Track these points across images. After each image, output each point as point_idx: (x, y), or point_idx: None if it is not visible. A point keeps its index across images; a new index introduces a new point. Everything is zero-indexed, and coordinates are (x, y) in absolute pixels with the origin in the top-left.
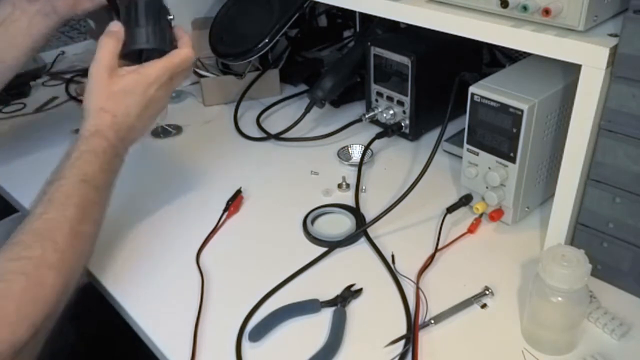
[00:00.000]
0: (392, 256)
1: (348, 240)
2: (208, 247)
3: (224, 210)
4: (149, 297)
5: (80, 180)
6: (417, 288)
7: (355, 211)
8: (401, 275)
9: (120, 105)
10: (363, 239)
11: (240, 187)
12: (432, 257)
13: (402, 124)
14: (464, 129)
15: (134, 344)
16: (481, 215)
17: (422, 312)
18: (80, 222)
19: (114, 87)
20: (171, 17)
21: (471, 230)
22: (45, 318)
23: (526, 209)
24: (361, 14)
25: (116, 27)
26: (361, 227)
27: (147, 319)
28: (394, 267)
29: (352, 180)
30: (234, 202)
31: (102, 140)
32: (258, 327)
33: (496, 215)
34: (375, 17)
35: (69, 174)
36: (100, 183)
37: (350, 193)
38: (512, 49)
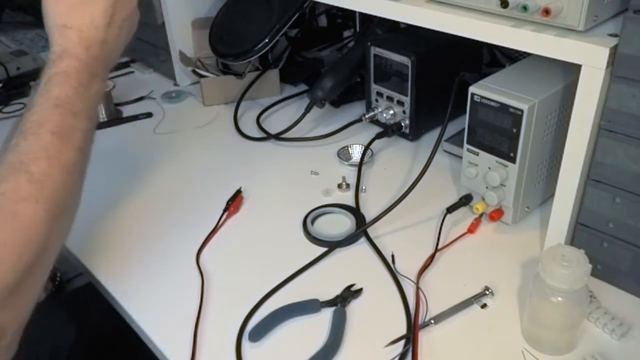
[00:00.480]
0: (392, 256)
1: (348, 240)
2: (208, 247)
3: (224, 210)
4: (149, 296)
5: (53, 106)
6: (417, 288)
7: (355, 211)
8: (401, 275)
9: (84, 18)
10: (363, 239)
11: (240, 187)
12: (432, 257)
13: (402, 124)
14: (464, 129)
15: (134, 343)
16: (481, 215)
17: (422, 312)
18: (59, 151)
19: None
20: None
21: (471, 230)
22: (34, 255)
23: (526, 209)
24: (361, 14)
25: None
26: (361, 227)
27: (147, 318)
28: (394, 267)
29: (352, 180)
30: (234, 202)
31: (72, 60)
32: (258, 327)
33: (496, 215)
34: (375, 17)
35: (40, 100)
36: (79, 107)
37: (350, 193)
38: (512, 49)
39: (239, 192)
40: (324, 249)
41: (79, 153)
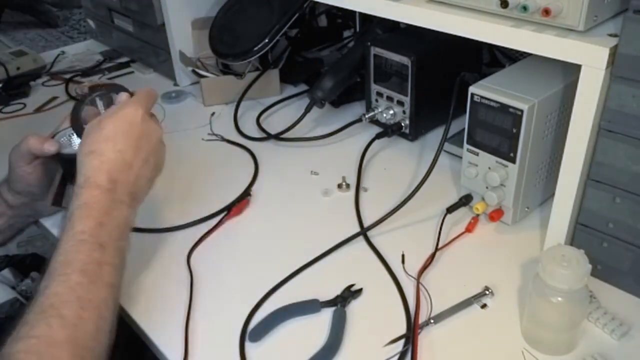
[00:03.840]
0: (402, 256)
1: (348, 241)
2: (208, 247)
3: (228, 210)
4: (148, 295)
5: (78, 242)
6: (418, 287)
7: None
8: (404, 275)
9: (107, 144)
10: (363, 239)
11: (250, 190)
12: (432, 256)
13: (402, 124)
14: (464, 129)
15: (133, 343)
16: (478, 215)
17: (422, 312)
18: (88, 290)
19: (101, 131)
20: None
21: (469, 229)
22: None
23: (526, 209)
24: (361, 14)
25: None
26: (362, 230)
27: (147, 317)
28: (403, 266)
29: (352, 181)
30: (239, 203)
31: (93, 189)
32: (258, 327)
33: (496, 215)
34: (375, 17)
35: (65, 238)
36: (105, 239)
37: (350, 193)
38: (512, 49)
39: (246, 194)
40: (324, 249)
41: (109, 290)
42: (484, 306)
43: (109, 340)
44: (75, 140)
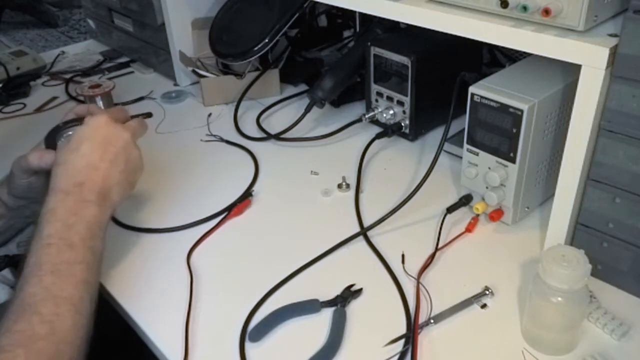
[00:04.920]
0: (403, 256)
1: (348, 241)
2: (208, 247)
3: (229, 210)
4: (148, 295)
5: (46, 245)
6: (418, 287)
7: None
8: (404, 275)
9: (73, 153)
10: (363, 239)
11: (252, 190)
12: (432, 256)
13: (402, 124)
14: (464, 129)
15: (131, 343)
16: (478, 215)
17: (422, 312)
18: (62, 289)
19: (69, 145)
20: None
21: (469, 229)
22: None
23: (526, 209)
24: (361, 14)
25: None
26: (362, 230)
27: (146, 317)
28: (403, 266)
29: (352, 181)
30: (241, 204)
31: (58, 194)
32: (258, 327)
33: (496, 215)
34: (375, 17)
35: (35, 242)
36: (74, 239)
37: (350, 193)
38: (512, 49)
39: (248, 195)
40: (324, 249)
41: (84, 287)
42: (484, 306)
43: (88, 334)
44: None
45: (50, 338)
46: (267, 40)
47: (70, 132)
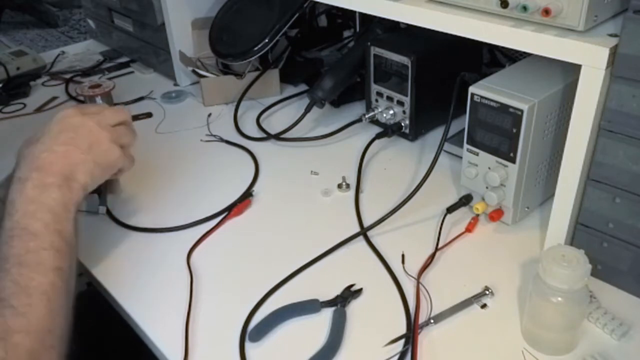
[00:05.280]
0: (403, 256)
1: (348, 241)
2: (208, 247)
3: (229, 210)
4: (148, 295)
5: (9, 238)
6: (418, 286)
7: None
8: (404, 275)
9: (28, 146)
10: (363, 239)
11: (252, 191)
12: (432, 256)
13: (402, 124)
14: (464, 129)
15: (131, 343)
16: (478, 215)
17: (422, 312)
18: (31, 278)
19: (29, 141)
20: None
21: (469, 229)
22: None
23: (526, 209)
24: (361, 14)
25: None
26: (362, 230)
27: (146, 317)
28: (403, 266)
29: (352, 181)
30: (241, 204)
31: (15, 184)
32: (258, 327)
33: (496, 215)
34: (375, 17)
35: (1, 237)
36: (37, 227)
37: (350, 193)
38: (512, 49)
39: (248, 195)
40: (324, 249)
41: (55, 273)
42: (484, 306)
43: (68, 319)
44: None
45: (26, 329)
46: (267, 40)
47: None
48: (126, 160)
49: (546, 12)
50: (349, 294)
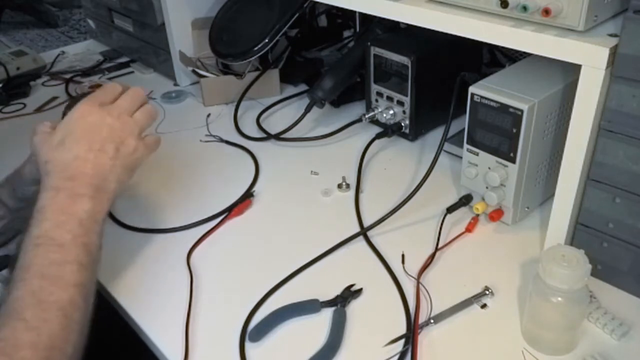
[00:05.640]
0: (403, 256)
1: (348, 241)
2: (208, 247)
3: (229, 211)
4: (148, 295)
5: (34, 246)
6: (418, 286)
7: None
8: (404, 275)
9: (58, 150)
10: (363, 239)
11: (253, 191)
12: (432, 256)
13: (402, 124)
14: (464, 129)
15: (131, 343)
16: (478, 215)
17: (422, 312)
18: (50, 292)
19: (51, 140)
20: None
21: (469, 229)
22: None
23: (526, 209)
24: (361, 14)
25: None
26: (362, 230)
27: (146, 317)
28: (404, 267)
29: (352, 181)
30: (241, 204)
31: (48, 191)
32: (258, 327)
33: (496, 215)
34: (375, 17)
35: (24, 244)
36: (65, 238)
37: (350, 193)
38: (512, 49)
39: (249, 195)
40: (324, 249)
41: (76, 289)
42: (484, 306)
43: (82, 337)
44: None
45: (36, 345)
46: (267, 40)
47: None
48: (147, 150)
49: (546, 12)
50: (349, 294)
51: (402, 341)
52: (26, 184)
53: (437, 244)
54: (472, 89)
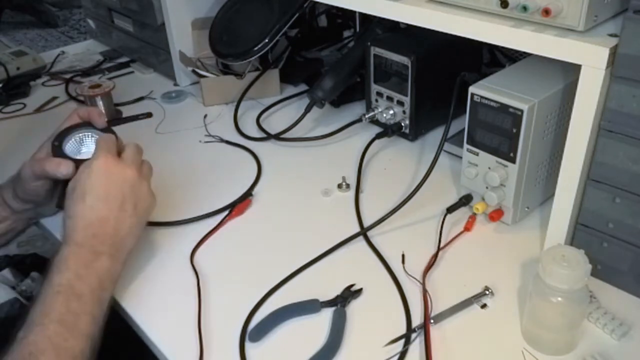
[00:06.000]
0: (403, 256)
1: (348, 241)
2: (208, 247)
3: (228, 212)
4: (148, 295)
5: (55, 293)
6: (424, 288)
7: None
8: (408, 275)
9: (79, 205)
10: (363, 239)
11: (252, 192)
12: (434, 256)
13: (402, 124)
14: (464, 129)
15: (130, 342)
16: (476, 214)
17: (422, 312)
18: (65, 339)
19: (73, 194)
20: None
21: (467, 228)
22: None
23: (526, 209)
24: (361, 14)
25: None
26: (362, 230)
27: (145, 316)
28: (403, 266)
29: (352, 181)
30: (240, 204)
31: (70, 245)
32: (258, 327)
33: (496, 215)
34: (375, 17)
35: (44, 289)
36: (83, 290)
37: (350, 193)
38: (512, 49)
39: (249, 195)
40: (324, 249)
41: (86, 340)
42: (484, 306)
43: None
44: (83, 146)
45: None
46: (267, 40)
47: (75, 138)
48: (155, 200)
49: (546, 12)
50: (349, 294)
51: (402, 341)
52: (26, 182)
53: (439, 244)
54: (472, 89)
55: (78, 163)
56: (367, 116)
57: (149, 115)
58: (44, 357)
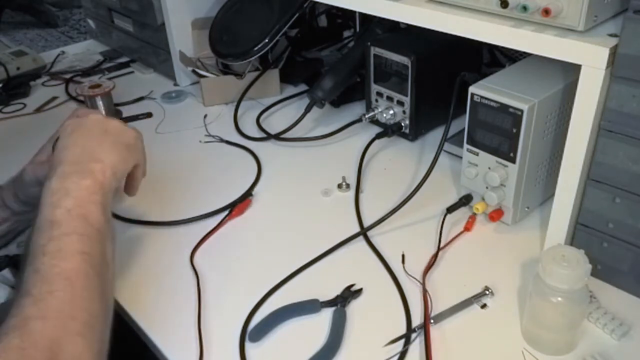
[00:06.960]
0: (403, 256)
1: (348, 241)
2: (208, 247)
3: (228, 212)
4: (148, 295)
5: (34, 232)
6: (424, 282)
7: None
8: (408, 275)
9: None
10: (363, 239)
11: (252, 191)
12: (435, 256)
13: (402, 124)
14: (464, 129)
15: (130, 342)
16: (475, 214)
17: (422, 312)
18: (51, 266)
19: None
20: None
21: (467, 227)
22: None
23: (526, 209)
24: (361, 14)
25: None
26: (362, 230)
27: (145, 316)
28: (403, 266)
29: (352, 181)
30: (240, 204)
31: (42, 186)
32: (258, 327)
33: (496, 215)
34: (375, 17)
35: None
36: (58, 215)
37: (350, 193)
38: (512, 49)
39: (249, 195)
40: (324, 249)
41: (81, 258)
42: (484, 306)
43: (104, 304)
44: None
45: (44, 316)
46: (267, 40)
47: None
48: (138, 132)
49: (546, 12)
50: (349, 294)
51: (402, 341)
52: (28, 185)
53: (439, 244)
54: (472, 89)
55: None
56: (367, 116)
57: (149, 115)
58: (34, 288)
